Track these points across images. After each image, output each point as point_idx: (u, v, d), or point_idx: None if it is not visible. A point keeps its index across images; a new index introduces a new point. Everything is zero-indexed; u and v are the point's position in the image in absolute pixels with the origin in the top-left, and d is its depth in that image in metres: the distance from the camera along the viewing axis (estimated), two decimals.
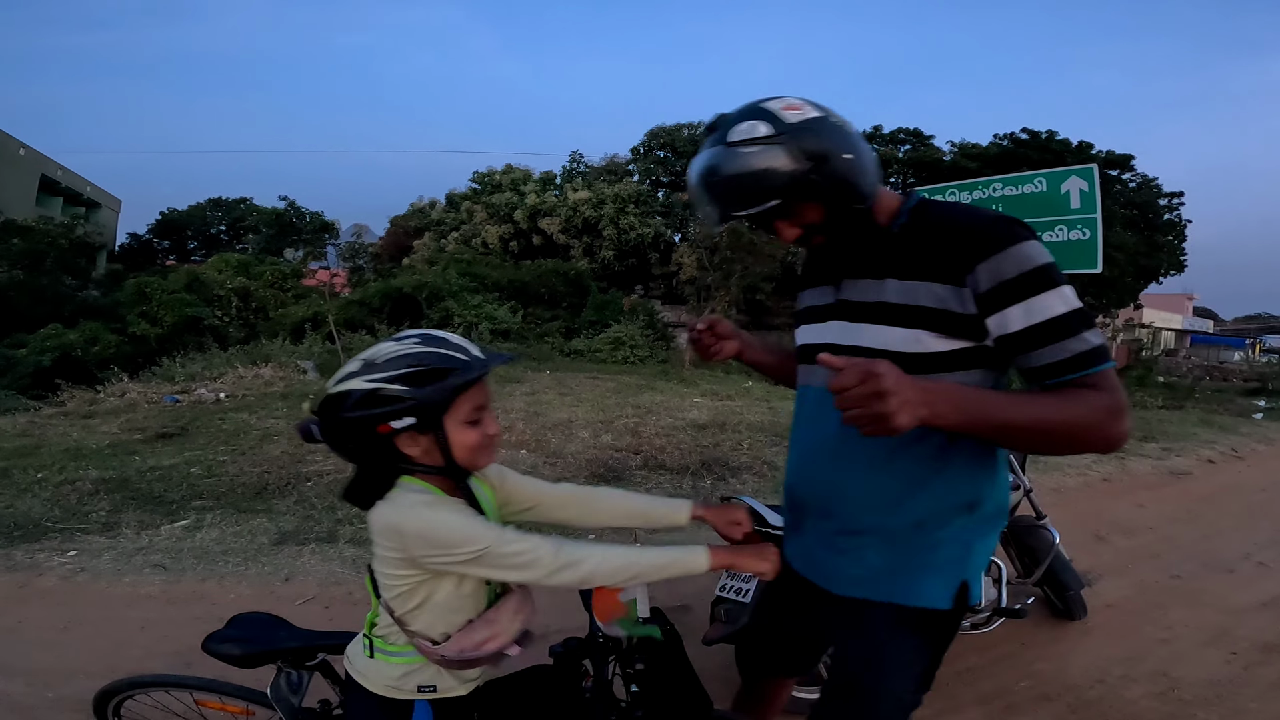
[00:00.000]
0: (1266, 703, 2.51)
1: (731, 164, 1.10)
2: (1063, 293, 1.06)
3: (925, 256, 1.14)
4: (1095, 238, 7.94)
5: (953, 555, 1.21)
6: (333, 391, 1.08)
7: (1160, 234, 21.76)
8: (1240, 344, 44.57)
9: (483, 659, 1.20)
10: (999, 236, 1.08)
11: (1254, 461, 7.31)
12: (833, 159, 1.10)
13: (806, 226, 1.18)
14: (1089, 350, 1.04)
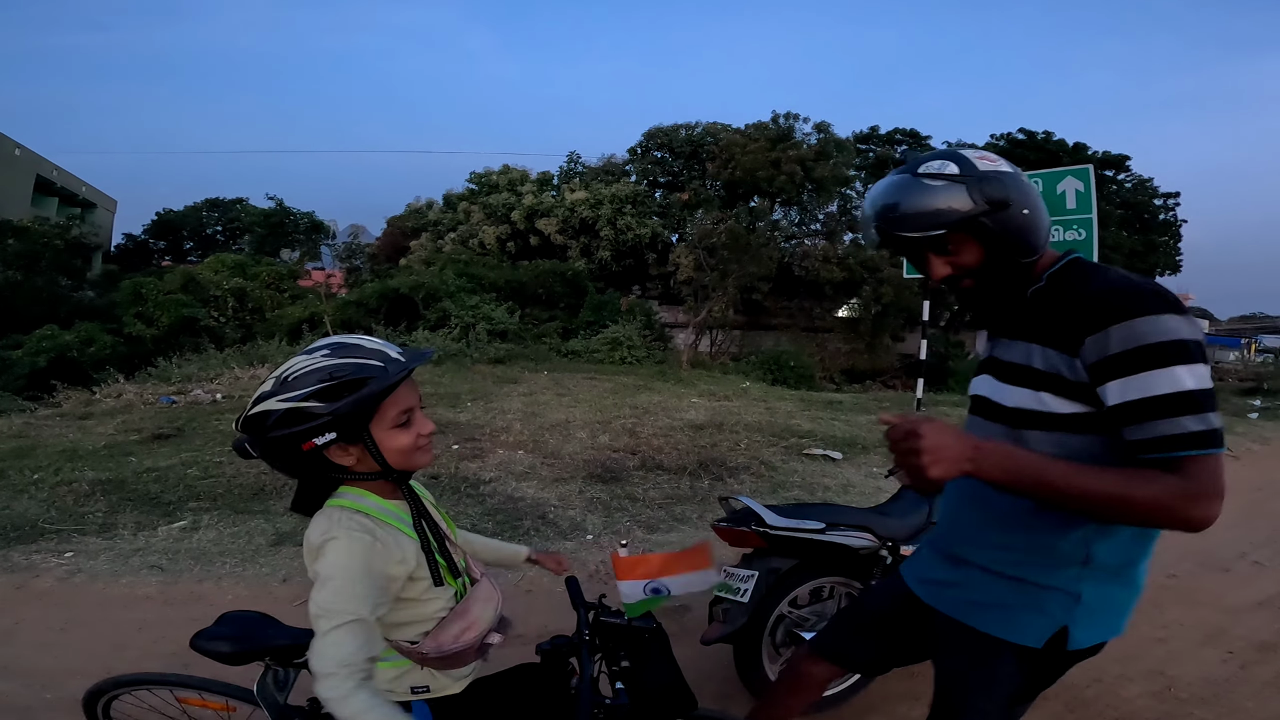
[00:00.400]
0: (1263, 701, 2.53)
1: (911, 192, 1.19)
2: (1172, 373, 1.05)
3: (1050, 323, 1.19)
4: (1091, 238, 7.99)
5: (1056, 601, 1.24)
6: (250, 413, 1.06)
7: (1156, 234, 21.88)
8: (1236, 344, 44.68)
9: (464, 652, 1.21)
10: (1113, 310, 1.10)
11: (1250, 461, 7.34)
12: (1010, 209, 1.17)
13: (959, 266, 1.24)
14: (1180, 435, 1.05)
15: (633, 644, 1.33)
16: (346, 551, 1.06)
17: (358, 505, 1.13)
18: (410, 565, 1.14)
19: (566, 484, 4.90)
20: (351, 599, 1.03)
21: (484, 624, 1.24)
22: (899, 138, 23.09)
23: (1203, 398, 1.06)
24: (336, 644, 1.00)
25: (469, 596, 1.23)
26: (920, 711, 2.38)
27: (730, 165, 19.27)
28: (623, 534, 4.03)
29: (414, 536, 1.17)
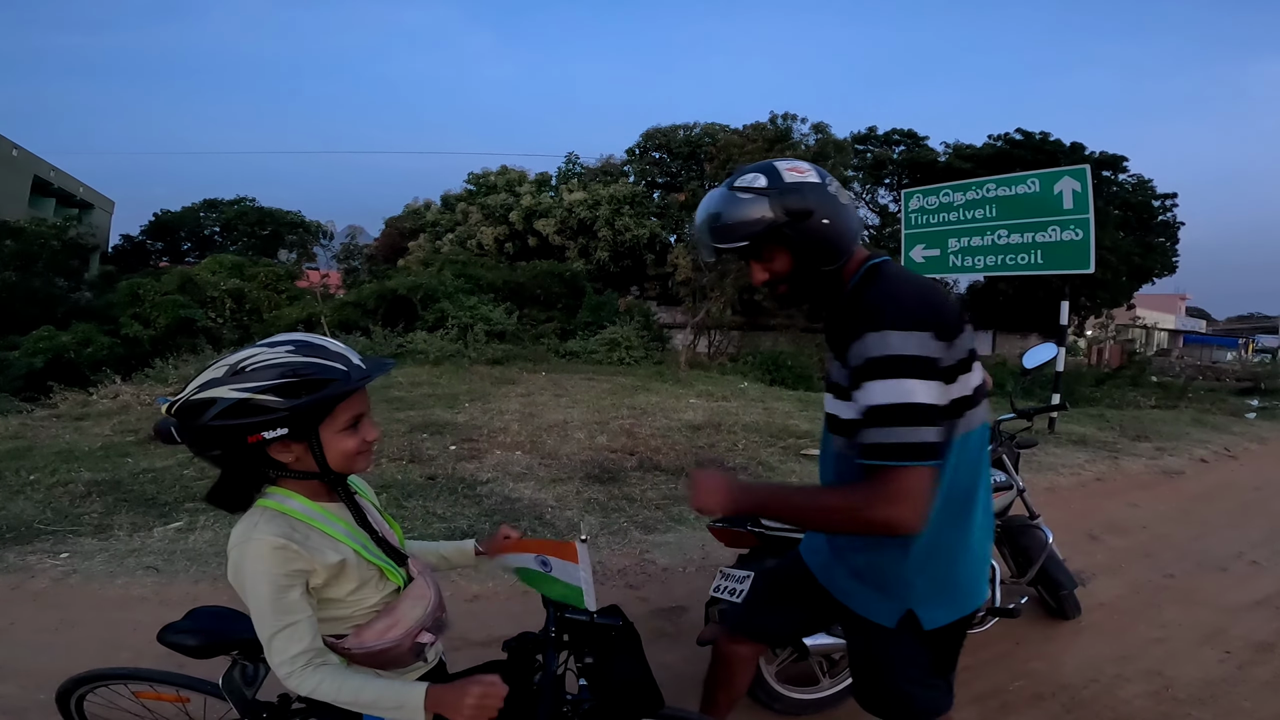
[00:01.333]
0: (1260, 701, 2.52)
1: (725, 205, 1.31)
2: (888, 386, 1.18)
3: (836, 333, 1.34)
4: (1088, 238, 8.00)
5: (895, 586, 1.38)
6: (194, 399, 1.05)
7: (1154, 235, 21.90)
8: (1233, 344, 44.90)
9: (390, 650, 1.21)
10: (863, 323, 1.22)
11: (1247, 460, 7.35)
12: (811, 218, 1.27)
13: (774, 273, 1.35)
14: (881, 445, 1.18)
15: (599, 641, 1.33)
16: (256, 558, 1.07)
17: (281, 507, 1.13)
18: (331, 567, 1.13)
19: (564, 484, 4.89)
20: (277, 605, 1.07)
21: (410, 622, 1.23)
22: (897, 138, 23.08)
23: (916, 413, 1.17)
24: (280, 649, 1.07)
25: (400, 595, 1.24)
26: None
27: (728, 166, 19.26)
28: (620, 535, 4.02)
29: (340, 539, 1.16)
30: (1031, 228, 8.02)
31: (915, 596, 1.37)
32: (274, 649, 1.07)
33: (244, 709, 1.39)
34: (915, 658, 1.41)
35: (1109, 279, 18.93)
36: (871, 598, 1.42)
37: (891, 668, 1.43)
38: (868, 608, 1.42)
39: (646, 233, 19.71)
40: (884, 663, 1.43)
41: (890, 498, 1.18)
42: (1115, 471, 6.22)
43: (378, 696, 1.09)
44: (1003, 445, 2.91)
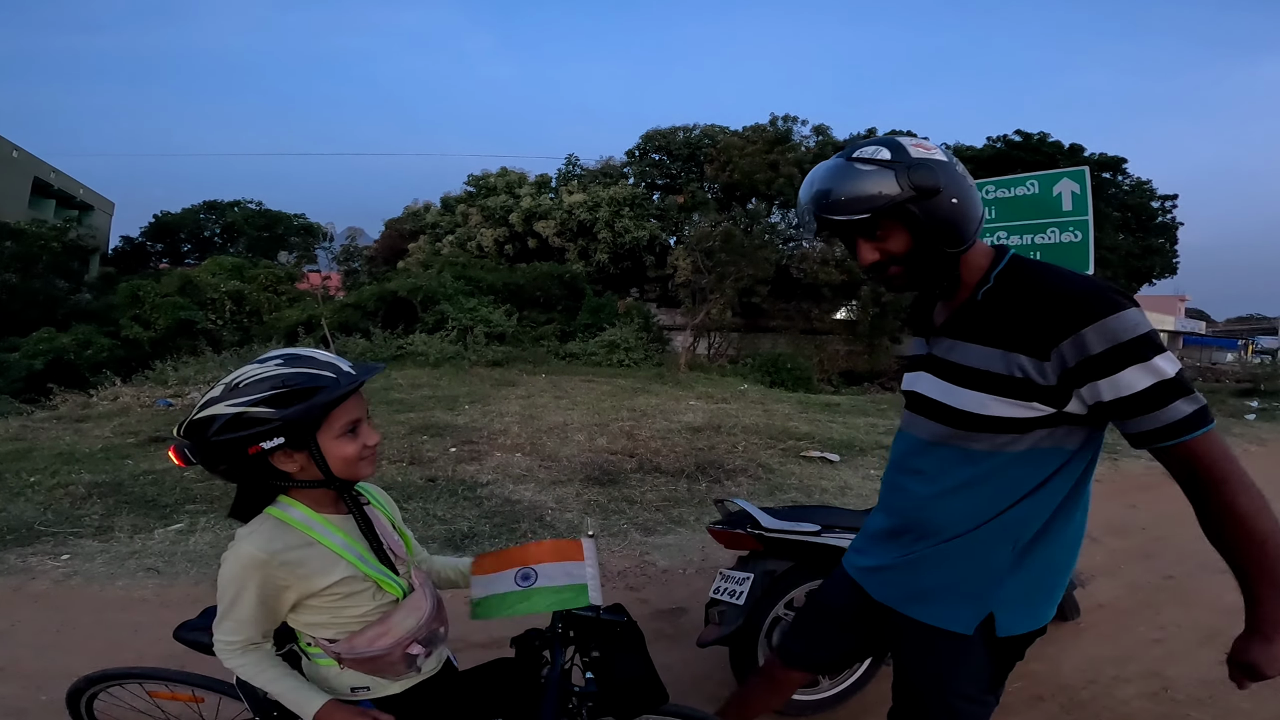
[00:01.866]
0: (1259, 703, 2.50)
1: (842, 176, 1.20)
2: (1151, 366, 1.10)
3: (1009, 325, 1.19)
4: (1087, 240, 7.98)
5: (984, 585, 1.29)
6: (196, 417, 1.10)
7: (1153, 236, 21.93)
8: (1233, 345, 44.94)
9: (380, 658, 1.23)
10: (1085, 311, 1.11)
11: (1247, 462, 7.07)
12: (939, 196, 1.17)
13: (887, 254, 1.24)
14: (1176, 421, 1.10)
15: (604, 636, 1.35)
16: (235, 560, 1.14)
17: (284, 515, 1.18)
18: (320, 580, 1.17)
19: (564, 486, 4.90)
20: (234, 602, 1.15)
21: (401, 632, 1.25)
22: None
23: (1185, 381, 1.11)
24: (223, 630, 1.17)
25: (396, 606, 1.26)
26: None
27: (728, 168, 19.31)
28: (620, 536, 4.03)
29: (335, 550, 1.19)
30: (1030, 229, 8.02)
31: (1001, 598, 1.28)
32: (219, 629, 1.17)
33: (257, 707, 1.41)
34: (978, 671, 1.33)
35: (1109, 280, 18.98)
36: (950, 602, 1.31)
37: (951, 682, 1.33)
38: (943, 614, 1.31)
39: (646, 235, 19.72)
40: (945, 676, 1.34)
41: (1223, 462, 1.13)
42: (1115, 473, 6.24)
43: (283, 691, 1.18)
44: None
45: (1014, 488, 1.24)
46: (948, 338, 1.29)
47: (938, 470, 1.31)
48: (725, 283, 16.16)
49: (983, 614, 1.28)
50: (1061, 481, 1.25)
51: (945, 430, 1.29)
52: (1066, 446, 1.22)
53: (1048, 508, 1.26)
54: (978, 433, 1.23)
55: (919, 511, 1.35)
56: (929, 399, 1.32)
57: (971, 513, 1.27)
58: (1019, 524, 1.26)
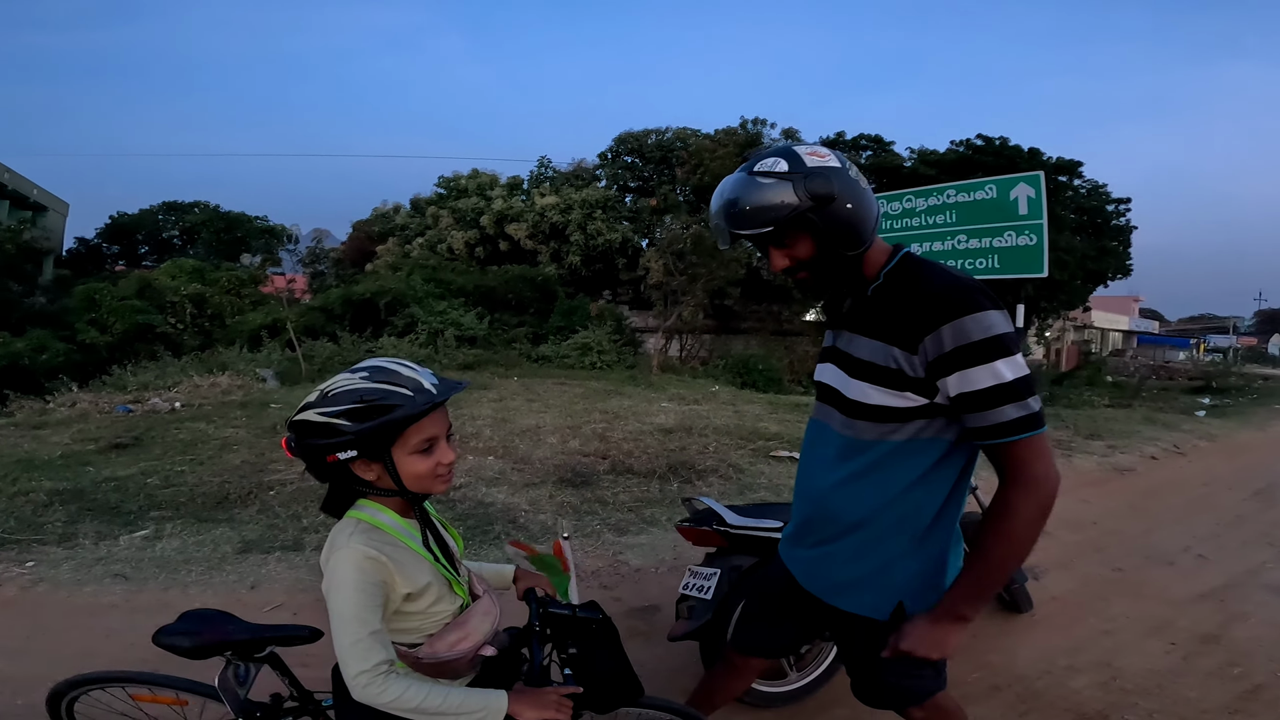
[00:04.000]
0: (1205, 691, 2.63)
1: (746, 190, 1.27)
2: (993, 368, 1.20)
3: (889, 320, 1.30)
4: (1041, 243, 8.25)
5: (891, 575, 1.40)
6: (294, 420, 1.15)
7: (1108, 239, 22.58)
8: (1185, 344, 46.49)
9: (456, 660, 1.27)
10: (947, 309, 1.22)
11: (1195, 458, 7.66)
12: (834, 203, 1.25)
13: (795, 260, 1.32)
14: (1005, 422, 1.21)
15: (580, 633, 1.39)
16: (346, 565, 1.14)
17: (374, 520, 1.21)
18: (415, 581, 1.20)
19: (537, 489, 4.91)
20: (360, 613, 1.12)
21: (479, 636, 1.30)
22: (864, 143, 23.46)
23: (1023, 387, 1.22)
24: (357, 657, 1.10)
25: (470, 609, 1.31)
26: None
27: (699, 170, 19.40)
28: (593, 537, 4.07)
29: (423, 554, 1.24)
30: (989, 233, 8.26)
31: (907, 586, 1.39)
32: (353, 657, 1.10)
33: (239, 709, 1.43)
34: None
35: (1065, 281, 19.49)
36: (864, 592, 1.42)
37: (883, 663, 1.41)
38: (860, 603, 1.42)
39: (619, 237, 19.75)
40: (875, 659, 1.42)
41: (1046, 464, 1.23)
42: (1068, 469, 6.44)
43: (462, 700, 1.14)
44: None
45: (901, 476, 1.34)
46: (847, 330, 1.40)
47: (837, 458, 1.41)
48: (697, 285, 16.26)
49: (894, 602, 1.39)
50: (947, 471, 1.36)
51: (842, 418, 1.39)
52: (945, 438, 1.32)
53: (938, 497, 1.37)
54: (864, 421, 1.34)
55: (822, 499, 1.45)
56: (830, 388, 1.43)
57: (865, 500, 1.37)
58: (913, 513, 1.36)
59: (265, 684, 1.50)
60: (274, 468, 5.15)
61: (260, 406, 7.79)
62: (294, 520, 4.06)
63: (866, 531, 1.39)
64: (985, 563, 1.28)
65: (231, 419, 6.99)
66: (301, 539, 3.78)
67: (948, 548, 1.41)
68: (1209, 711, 2.50)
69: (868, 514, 1.38)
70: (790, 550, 1.60)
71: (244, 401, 8.28)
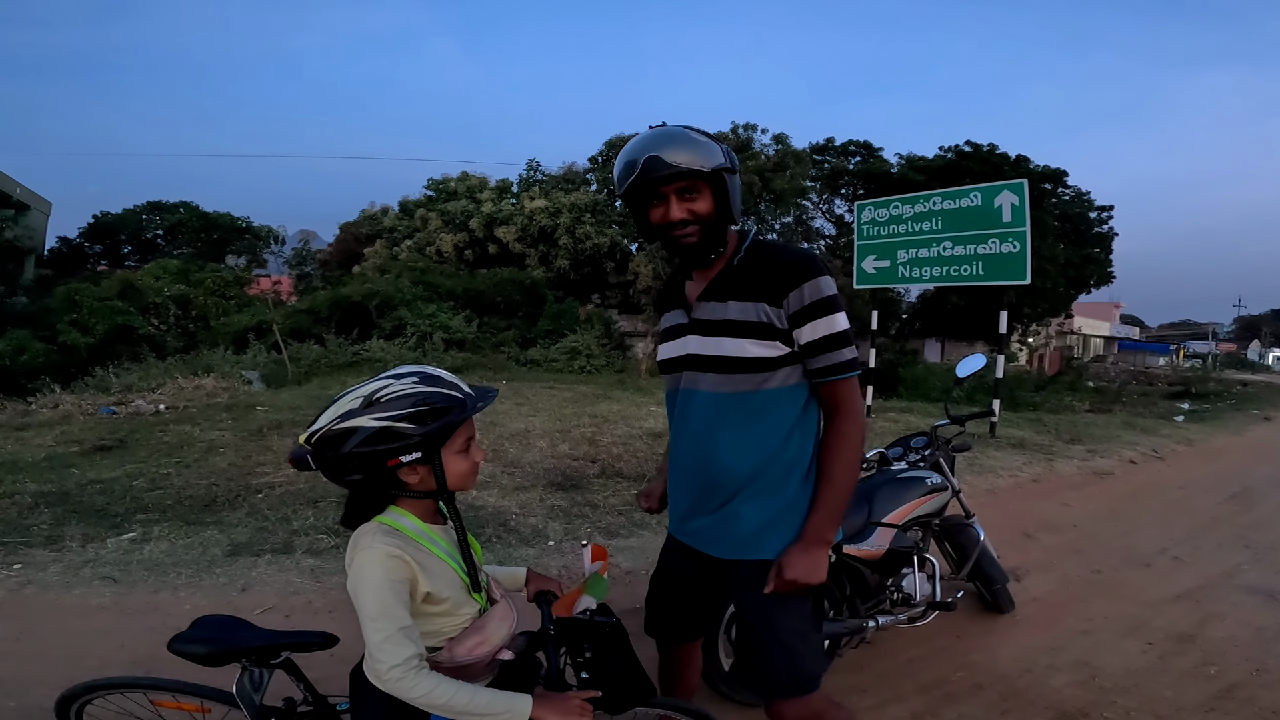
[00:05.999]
0: (1180, 690, 2.69)
1: (685, 137, 1.44)
2: (834, 319, 1.46)
3: (756, 283, 1.49)
4: (1024, 251, 8.40)
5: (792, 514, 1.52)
6: (338, 428, 1.16)
7: (1090, 246, 22.93)
8: (1165, 350, 47.22)
9: (474, 665, 1.30)
10: (804, 272, 1.45)
11: (1173, 462, 7.80)
12: (735, 175, 1.51)
13: (694, 214, 1.47)
14: (840, 363, 1.47)
15: (594, 637, 1.42)
16: (371, 564, 1.17)
17: (396, 524, 1.24)
18: (435, 583, 1.23)
19: (527, 492, 4.93)
20: (389, 609, 1.15)
21: (497, 640, 1.34)
22: (853, 149, 23.68)
23: (848, 337, 1.49)
24: (389, 651, 1.13)
25: (488, 614, 1.34)
26: (869, 702, 2.53)
27: None
28: (584, 539, 4.09)
29: (442, 558, 1.27)
30: (973, 240, 8.39)
31: (796, 522, 1.51)
32: (384, 653, 1.13)
33: (255, 714, 1.44)
34: (802, 602, 1.51)
35: (1049, 288, 19.75)
36: (768, 538, 1.50)
37: (780, 616, 1.49)
38: (772, 547, 1.50)
39: (608, 241, 19.77)
40: (775, 611, 1.49)
41: (860, 400, 1.50)
42: (1050, 473, 6.56)
43: (489, 701, 1.18)
44: (940, 449, 3.09)
45: (781, 420, 1.51)
46: (710, 301, 1.55)
47: (716, 417, 1.52)
48: None
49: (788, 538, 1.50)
50: (811, 414, 1.55)
51: (717, 378, 1.51)
52: (806, 383, 1.52)
53: (810, 438, 1.55)
54: (742, 374, 1.49)
55: (710, 460, 1.54)
56: (701, 355, 1.54)
57: (756, 449, 1.50)
58: (798, 455, 1.53)
59: (276, 689, 1.52)
60: (261, 470, 5.13)
61: (246, 409, 7.75)
62: (283, 523, 4.05)
63: (763, 480, 1.51)
64: (835, 487, 1.48)
65: (217, 421, 6.96)
66: (291, 542, 3.77)
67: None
68: (1184, 709, 2.56)
69: (761, 462, 1.50)
70: (685, 525, 1.65)
71: (229, 404, 8.23)
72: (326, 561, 3.54)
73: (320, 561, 3.55)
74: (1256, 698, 2.64)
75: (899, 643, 2.93)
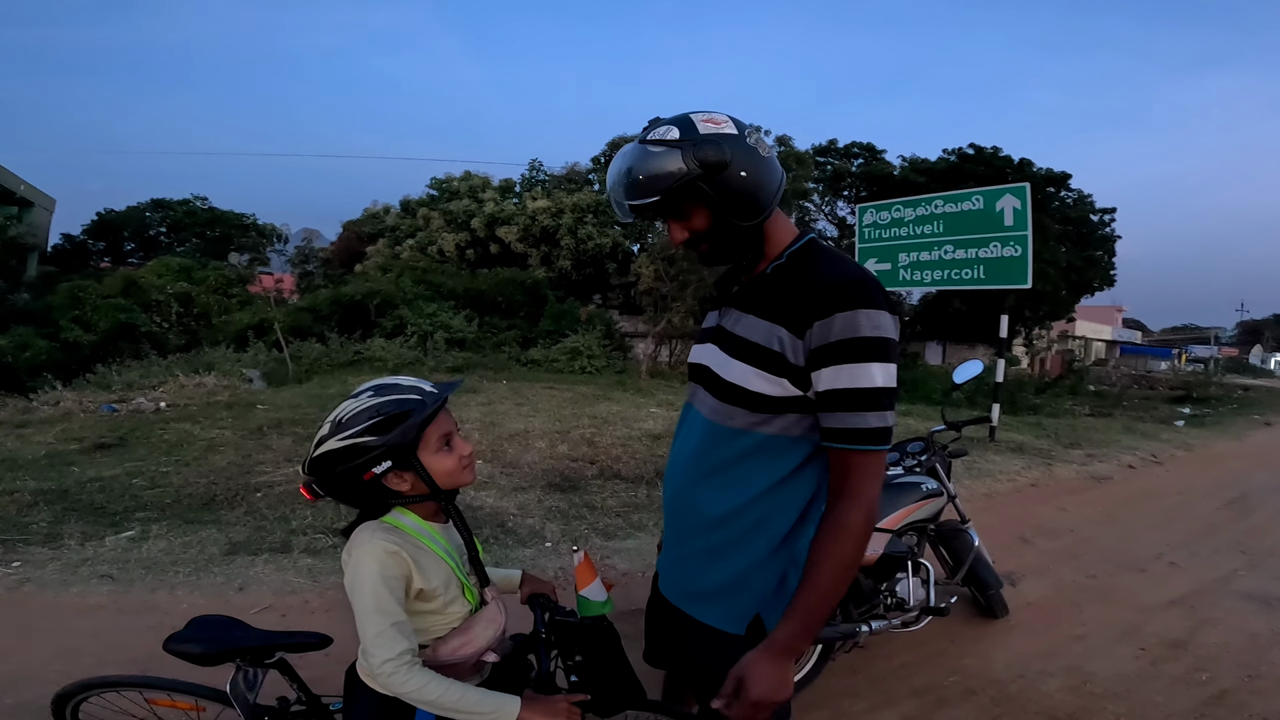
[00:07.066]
0: (1171, 696, 2.70)
1: (637, 159, 1.19)
2: (866, 370, 1.13)
3: (783, 301, 1.21)
4: (1026, 255, 8.38)
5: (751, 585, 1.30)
6: (315, 455, 1.20)
7: (1092, 249, 22.87)
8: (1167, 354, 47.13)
9: (458, 665, 1.31)
10: (845, 298, 1.15)
11: (1172, 467, 7.79)
12: (726, 172, 1.17)
13: (693, 231, 1.25)
14: (859, 429, 1.15)
15: (586, 640, 1.43)
16: (368, 559, 1.20)
17: (395, 522, 1.27)
18: (430, 579, 1.25)
19: (525, 493, 4.95)
20: (384, 605, 1.18)
21: (481, 642, 1.35)
22: (855, 151, 23.65)
23: (888, 399, 1.16)
24: (382, 646, 1.16)
25: (476, 616, 1.35)
26: (862, 706, 2.54)
27: None
28: (581, 541, 4.11)
29: (440, 555, 1.29)
30: (975, 243, 8.40)
31: (765, 599, 1.30)
32: (377, 647, 1.16)
33: (249, 714, 1.45)
34: None
35: (1050, 291, 19.71)
36: (722, 603, 1.32)
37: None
38: (717, 615, 1.32)
39: (609, 242, 19.79)
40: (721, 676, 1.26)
41: (877, 485, 1.17)
42: (1048, 477, 6.56)
43: (478, 700, 1.20)
44: (936, 455, 3.10)
45: (764, 474, 1.26)
46: (736, 310, 1.31)
47: (699, 448, 1.31)
48: (687, 291, 16.31)
49: (751, 614, 1.30)
50: (808, 478, 1.28)
51: (714, 403, 1.29)
52: (813, 438, 1.24)
53: (798, 503, 1.28)
54: (737, 407, 1.25)
55: (680, 492, 1.36)
56: (707, 370, 1.32)
57: (726, 497, 1.28)
58: (773, 516, 1.28)
59: (270, 689, 1.53)
60: (261, 469, 5.15)
61: (246, 407, 7.78)
62: (281, 522, 4.07)
63: (724, 531, 1.29)
64: (819, 589, 1.17)
65: (218, 420, 6.98)
66: (289, 541, 3.79)
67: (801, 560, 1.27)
68: (1175, 715, 2.57)
69: (727, 512, 1.28)
70: (660, 557, 1.52)
71: (230, 402, 8.25)
72: (324, 561, 3.56)
73: (318, 561, 3.56)
74: (1247, 704, 2.65)
75: (892, 647, 2.94)
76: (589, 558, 1.58)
